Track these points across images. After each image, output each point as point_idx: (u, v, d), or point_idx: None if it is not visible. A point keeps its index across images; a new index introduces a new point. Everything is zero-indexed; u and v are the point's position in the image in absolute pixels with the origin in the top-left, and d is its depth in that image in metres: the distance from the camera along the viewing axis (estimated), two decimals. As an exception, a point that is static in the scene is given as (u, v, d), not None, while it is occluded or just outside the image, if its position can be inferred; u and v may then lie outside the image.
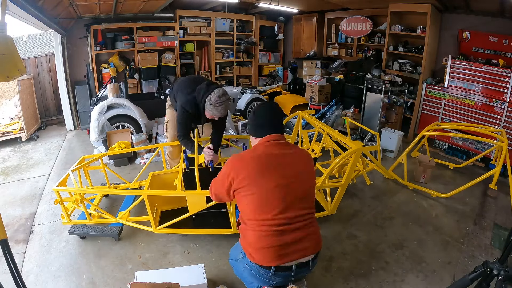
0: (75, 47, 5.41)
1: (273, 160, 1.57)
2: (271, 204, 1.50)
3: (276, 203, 1.50)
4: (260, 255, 1.52)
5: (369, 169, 3.24)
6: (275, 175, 1.53)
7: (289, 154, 1.62)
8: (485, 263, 1.38)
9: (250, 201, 1.53)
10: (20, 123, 4.65)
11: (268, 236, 1.49)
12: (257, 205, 1.52)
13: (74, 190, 2.36)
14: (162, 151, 3.18)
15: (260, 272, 1.55)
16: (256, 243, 1.52)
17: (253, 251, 1.54)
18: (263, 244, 1.50)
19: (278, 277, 1.55)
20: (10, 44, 1.39)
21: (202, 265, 1.90)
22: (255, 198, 1.52)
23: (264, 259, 1.51)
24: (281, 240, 1.49)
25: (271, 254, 1.50)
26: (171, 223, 2.26)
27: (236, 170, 1.56)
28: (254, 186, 1.52)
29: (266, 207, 1.51)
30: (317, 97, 5.32)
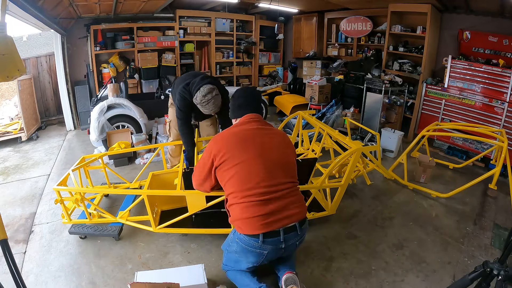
0: (75, 47, 5.41)
1: (252, 133, 1.68)
2: (253, 173, 1.58)
3: (257, 172, 1.59)
4: (247, 224, 1.58)
5: (369, 169, 3.24)
6: (254, 146, 1.63)
7: (267, 129, 1.75)
8: (485, 263, 1.38)
9: (232, 174, 1.60)
10: (20, 123, 4.65)
11: (253, 206, 1.57)
12: (240, 176, 1.59)
13: (75, 189, 2.37)
14: (163, 151, 3.18)
15: (250, 242, 1.61)
16: (243, 213, 1.59)
17: (241, 222, 1.61)
18: (249, 214, 1.57)
19: (268, 244, 1.60)
20: (10, 44, 1.39)
21: (202, 265, 1.90)
22: (237, 170, 1.59)
23: (251, 228, 1.58)
24: (266, 209, 1.57)
25: (258, 223, 1.56)
26: (170, 223, 2.26)
27: (217, 147, 1.65)
28: (236, 158, 1.60)
29: (249, 177, 1.58)
30: (317, 97, 5.32)
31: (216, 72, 7.00)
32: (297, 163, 2.61)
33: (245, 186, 1.58)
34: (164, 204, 2.63)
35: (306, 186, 2.54)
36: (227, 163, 1.62)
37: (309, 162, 2.72)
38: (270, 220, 1.57)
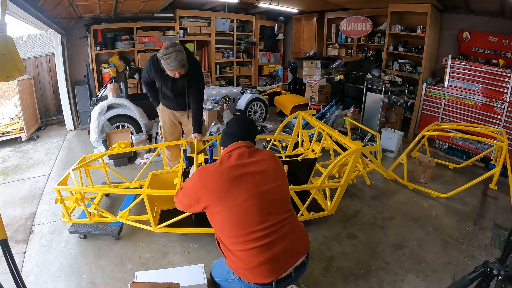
0: (75, 47, 5.41)
1: (241, 171, 1.46)
2: (249, 215, 1.40)
3: (254, 214, 1.40)
4: (256, 274, 1.41)
5: (369, 170, 3.24)
6: (245, 186, 1.43)
7: (254, 161, 1.52)
8: (485, 263, 1.38)
9: (225, 217, 1.41)
10: (20, 123, 4.65)
11: (257, 253, 1.39)
12: (234, 220, 1.40)
13: (75, 189, 2.37)
14: (163, 151, 3.19)
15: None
16: (248, 263, 1.41)
17: (247, 272, 1.43)
18: (255, 263, 1.39)
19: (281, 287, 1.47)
20: (10, 44, 1.39)
21: (202, 265, 1.90)
22: (230, 213, 1.40)
23: (261, 277, 1.41)
24: (272, 253, 1.40)
25: (267, 270, 1.40)
26: (170, 222, 2.26)
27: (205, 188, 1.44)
28: (226, 202, 1.40)
29: (245, 220, 1.40)
30: (317, 97, 5.32)
31: (216, 72, 7.00)
32: (297, 163, 2.63)
33: (242, 231, 1.40)
34: (164, 204, 2.63)
35: (306, 186, 2.54)
36: (216, 207, 1.42)
37: (309, 162, 2.72)
38: (281, 263, 1.43)
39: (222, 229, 1.45)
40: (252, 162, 1.52)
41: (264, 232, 1.40)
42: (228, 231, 1.43)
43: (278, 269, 1.43)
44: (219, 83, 6.95)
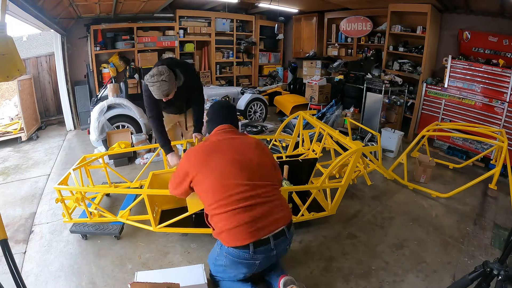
0: (75, 47, 5.41)
1: (222, 143, 1.67)
2: (230, 180, 1.53)
3: (234, 179, 1.53)
4: (234, 235, 1.51)
5: (370, 170, 3.24)
6: (226, 154, 1.60)
7: (237, 137, 1.73)
8: (485, 263, 1.38)
9: (208, 186, 1.55)
10: (20, 123, 4.65)
11: (237, 214, 1.50)
12: (217, 186, 1.54)
13: (75, 188, 2.37)
14: (163, 151, 3.17)
15: (240, 254, 1.54)
16: (227, 224, 1.52)
17: (226, 235, 1.53)
18: (234, 223, 1.50)
19: (259, 254, 1.54)
20: (10, 44, 1.39)
21: (202, 265, 1.90)
22: (212, 181, 1.55)
23: (239, 239, 1.50)
24: (251, 215, 1.50)
25: (245, 231, 1.49)
26: (170, 222, 2.25)
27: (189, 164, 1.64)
28: (209, 171, 1.56)
29: (226, 185, 1.52)
30: (317, 97, 5.32)
31: (216, 72, 7.01)
32: (297, 163, 2.63)
33: (223, 194, 1.52)
34: (164, 204, 2.63)
35: (306, 186, 2.54)
36: (201, 177, 1.58)
37: (310, 162, 2.72)
38: (258, 227, 1.51)
39: (206, 198, 1.58)
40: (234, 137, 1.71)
41: (244, 195, 1.51)
42: (211, 197, 1.55)
43: (256, 231, 1.50)
44: (219, 83, 6.95)
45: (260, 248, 1.53)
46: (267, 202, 1.57)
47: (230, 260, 1.60)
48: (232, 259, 1.58)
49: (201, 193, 1.61)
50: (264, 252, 1.55)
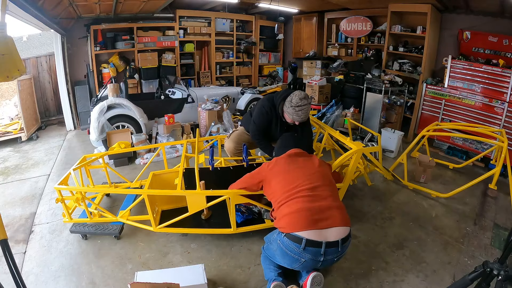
0: (75, 47, 5.41)
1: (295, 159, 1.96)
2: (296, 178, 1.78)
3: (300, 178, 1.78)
4: (294, 219, 1.65)
5: (371, 170, 3.24)
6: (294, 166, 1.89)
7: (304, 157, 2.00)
8: (485, 263, 1.38)
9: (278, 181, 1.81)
10: (20, 123, 4.65)
11: (301, 201, 1.68)
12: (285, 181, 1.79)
13: (76, 188, 2.37)
14: (163, 151, 3.18)
15: (291, 247, 1.64)
16: (290, 208, 1.69)
17: (288, 218, 1.68)
18: (297, 207, 1.67)
19: (308, 253, 1.62)
20: (10, 44, 1.39)
21: (202, 265, 1.90)
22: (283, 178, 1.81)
23: (297, 224, 1.63)
24: (310, 205, 1.67)
25: (305, 217, 1.63)
26: (170, 223, 2.26)
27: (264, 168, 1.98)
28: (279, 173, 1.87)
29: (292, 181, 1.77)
30: (317, 97, 5.32)
31: (216, 72, 7.00)
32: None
33: (289, 186, 1.75)
34: (165, 204, 2.64)
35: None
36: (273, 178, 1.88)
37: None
38: (317, 218, 1.64)
39: (275, 191, 1.82)
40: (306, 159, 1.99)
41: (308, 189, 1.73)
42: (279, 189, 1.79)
43: (312, 222, 1.62)
44: (219, 83, 6.95)
45: (310, 248, 1.61)
46: (328, 199, 1.73)
47: (280, 249, 1.71)
48: (282, 248, 1.69)
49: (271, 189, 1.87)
50: (312, 254, 1.62)
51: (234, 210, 2.20)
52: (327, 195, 1.76)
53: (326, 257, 1.64)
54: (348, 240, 1.71)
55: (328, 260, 1.67)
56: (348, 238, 1.72)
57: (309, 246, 1.60)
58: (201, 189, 2.26)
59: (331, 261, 1.70)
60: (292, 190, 1.74)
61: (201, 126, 4.73)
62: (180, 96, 4.90)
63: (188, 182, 2.41)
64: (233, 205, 2.17)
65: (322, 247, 1.60)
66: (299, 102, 2.29)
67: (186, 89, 4.89)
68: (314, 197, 1.71)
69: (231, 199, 2.14)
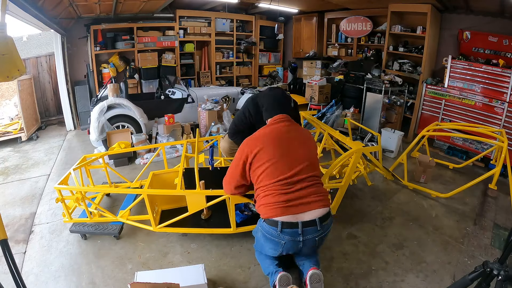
0: (75, 47, 5.41)
1: (279, 133, 1.87)
2: (279, 170, 1.74)
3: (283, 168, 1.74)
4: (268, 209, 1.72)
5: (371, 170, 3.24)
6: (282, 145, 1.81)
7: (293, 129, 1.92)
8: (485, 263, 1.38)
9: (263, 169, 1.77)
10: (20, 123, 4.65)
11: (277, 195, 1.71)
12: (269, 172, 1.76)
13: (76, 188, 2.37)
14: (163, 151, 3.18)
15: (270, 230, 1.72)
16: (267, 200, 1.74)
17: (264, 207, 1.75)
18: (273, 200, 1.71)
19: (286, 235, 1.68)
20: (10, 44, 1.39)
21: (202, 265, 1.90)
22: (267, 166, 1.76)
23: (272, 212, 1.70)
24: (287, 196, 1.70)
25: (279, 208, 1.69)
26: (170, 222, 2.26)
27: (250, 147, 1.83)
28: (266, 155, 1.78)
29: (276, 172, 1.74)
30: (317, 97, 5.31)
31: (216, 72, 7.00)
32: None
33: (272, 180, 1.74)
34: (164, 204, 2.64)
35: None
36: (258, 159, 1.79)
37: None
38: (289, 205, 1.69)
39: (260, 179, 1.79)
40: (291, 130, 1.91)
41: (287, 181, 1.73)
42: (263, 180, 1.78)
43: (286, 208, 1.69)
44: (219, 83, 6.95)
45: (287, 230, 1.68)
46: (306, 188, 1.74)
47: (262, 234, 1.78)
48: (263, 233, 1.76)
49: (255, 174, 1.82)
50: (290, 235, 1.68)
51: (234, 210, 2.20)
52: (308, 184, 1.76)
53: (306, 237, 1.69)
54: (327, 219, 1.75)
55: (309, 240, 1.71)
56: (328, 218, 1.76)
57: (285, 228, 1.68)
58: (201, 189, 2.26)
59: (313, 241, 1.72)
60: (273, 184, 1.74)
61: (201, 126, 4.73)
62: (180, 96, 4.90)
63: (188, 182, 2.41)
64: (232, 205, 2.17)
65: (299, 227, 1.67)
66: None
67: (186, 89, 4.89)
68: (292, 185, 1.73)
69: (231, 199, 2.14)
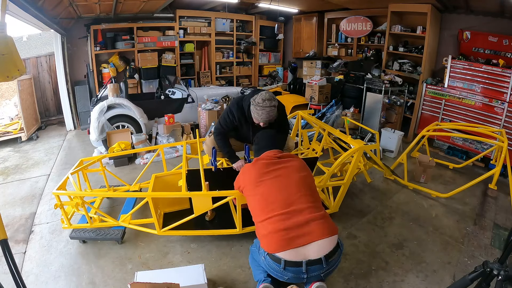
0: (75, 47, 5.41)
1: (269, 164, 1.83)
2: (273, 203, 1.67)
3: (277, 203, 1.67)
4: (269, 240, 1.60)
5: (370, 167, 3.25)
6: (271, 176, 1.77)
7: (284, 160, 1.87)
8: (485, 263, 1.38)
9: (256, 202, 1.75)
10: (20, 123, 4.65)
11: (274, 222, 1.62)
12: (262, 206, 1.71)
13: (74, 193, 2.33)
14: (163, 152, 3.17)
15: (273, 265, 1.60)
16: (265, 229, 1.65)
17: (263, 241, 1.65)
18: (270, 229, 1.61)
19: (289, 272, 1.57)
20: (10, 44, 1.39)
21: (202, 265, 1.90)
22: (259, 197, 1.73)
23: (273, 246, 1.58)
24: (286, 223, 1.59)
25: (279, 239, 1.56)
26: (175, 225, 2.23)
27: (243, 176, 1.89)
28: (256, 188, 1.76)
29: (270, 206, 1.67)
30: (317, 97, 5.32)
31: (216, 72, 7.00)
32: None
33: (266, 208, 1.68)
34: (167, 207, 2.61)
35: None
36: (250, 191, 1.80)
37: (310, 161, 2.73)
38: (293, 235, 1.55)
39: (254, 211, 1.76)
40: (280, 160, 1.86)
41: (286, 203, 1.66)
42: (257, 214, 1.73)
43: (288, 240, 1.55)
44: (219, 83, 6.95)
45: (291, 268, 1.56)
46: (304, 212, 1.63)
47: (264, 264, 1.67)
48: (266, 265, 1.65)
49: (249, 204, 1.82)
50: (294, 272, 1.57)
51: (240, 210, 2.18)
52: (305, 207, 1.64)
53: (310, 274, 1.56)
54: (335, 253, 1.60)
55: (314, 276, 1.59)
56: (335, 252, 1.60)
57: (289, 266, 1.55)
58: (206, 190, 2.24)
59: (318, 276, 1.60)
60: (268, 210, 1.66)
61: (201, 126, 4.73)
62: (180, 96, 4.90)
63: (191, 184, 2.39)
64: (239, 206, 2.15)
65: (303, 266, 1.54)
66: (262, 103, 2.20)
67: (186, 89, 4.89)
68: (290, 214, 1.61)
69: (237, 199, 2.12)
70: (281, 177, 1.76)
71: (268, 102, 2.22)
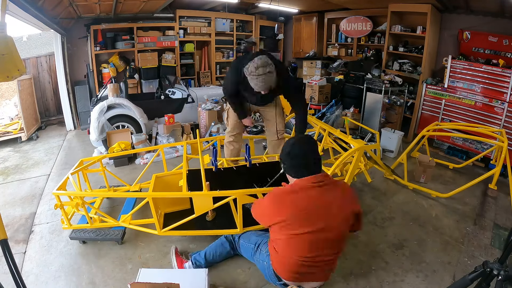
0: (75, 47, 5.41)
1: (311, 206, 1.53)
2: (302, 247, 1.59)
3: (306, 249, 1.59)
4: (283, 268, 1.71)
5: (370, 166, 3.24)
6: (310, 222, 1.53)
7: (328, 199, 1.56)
8: (485, 263, 1.38)
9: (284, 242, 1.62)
10: (20, 123, 4.65)
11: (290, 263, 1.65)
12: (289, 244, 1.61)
13: (74, 194, 2.32)
14: (163, 152, 3.17)
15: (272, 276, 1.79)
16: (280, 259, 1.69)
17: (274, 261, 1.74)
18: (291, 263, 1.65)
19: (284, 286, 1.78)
20: (10, 44, 1.39)
21: (206, 269, 1.86)
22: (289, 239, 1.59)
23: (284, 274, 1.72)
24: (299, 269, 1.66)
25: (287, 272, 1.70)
26: (176, 225, 2.22)
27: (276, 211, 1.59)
28: (289, 230, 1.56)
29: (296, 249, 1.60)
30: (317, 97, 5.32)
31: (216, 72, 7.00)
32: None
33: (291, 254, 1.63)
34: (167, 207, 2.59)
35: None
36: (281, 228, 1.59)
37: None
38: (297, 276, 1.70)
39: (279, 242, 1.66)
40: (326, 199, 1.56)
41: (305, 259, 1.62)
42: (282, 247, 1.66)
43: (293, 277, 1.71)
44: (219, 83, 6.95)
45: None
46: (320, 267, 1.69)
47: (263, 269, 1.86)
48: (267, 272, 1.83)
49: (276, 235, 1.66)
50: None
51: (241, 211, 2.17)
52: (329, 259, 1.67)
53: None
54: None
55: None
56: None
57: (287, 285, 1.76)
58: (207, 190, 2.23)
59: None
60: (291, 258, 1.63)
61: (201, 126, 4.73)
62: (180, 96, 4.90)
63: (192, 184, 2.38)
64: (239, 206, 2.14)
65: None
66: (254, 71, 2.01)
67: (186, 89, 4.89)
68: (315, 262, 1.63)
69: (238, 200, 2.11)
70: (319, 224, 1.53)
71: (261, 70, 2.00)
